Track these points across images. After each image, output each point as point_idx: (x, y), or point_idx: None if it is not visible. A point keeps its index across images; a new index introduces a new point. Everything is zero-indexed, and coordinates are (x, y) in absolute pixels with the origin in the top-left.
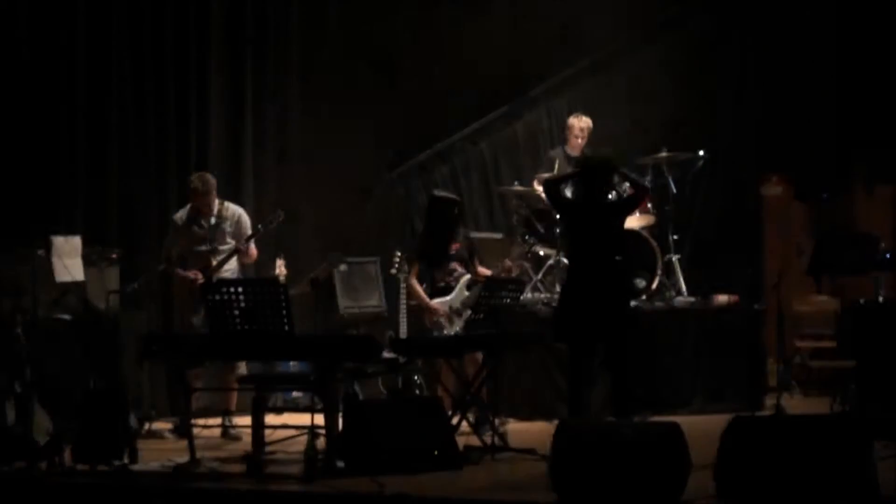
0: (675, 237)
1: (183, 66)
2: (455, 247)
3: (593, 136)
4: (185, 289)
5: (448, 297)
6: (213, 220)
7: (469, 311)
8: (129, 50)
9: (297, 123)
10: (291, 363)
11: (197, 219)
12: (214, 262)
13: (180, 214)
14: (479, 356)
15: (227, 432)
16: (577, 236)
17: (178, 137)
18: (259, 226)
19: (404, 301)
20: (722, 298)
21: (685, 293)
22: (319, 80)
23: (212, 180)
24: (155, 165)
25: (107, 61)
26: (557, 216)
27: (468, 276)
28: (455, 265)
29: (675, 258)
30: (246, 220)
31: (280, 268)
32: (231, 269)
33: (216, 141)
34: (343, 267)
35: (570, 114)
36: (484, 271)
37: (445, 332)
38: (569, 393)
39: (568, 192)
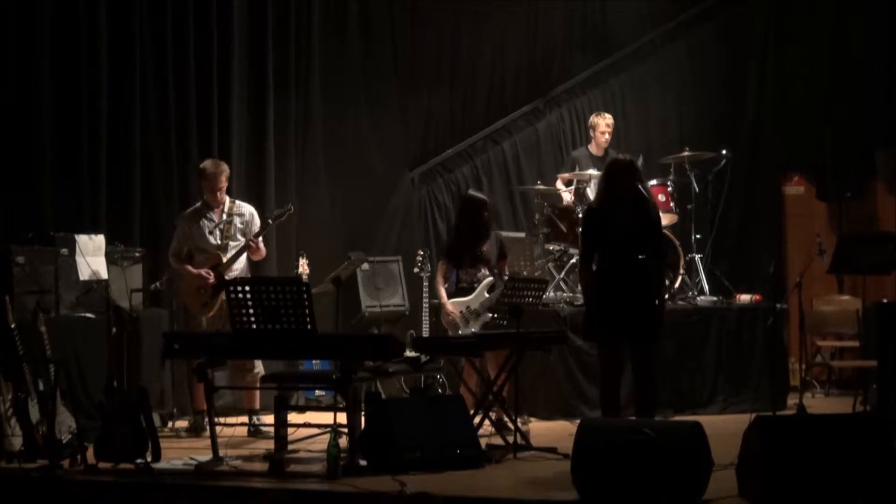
0: (698, 236)
1: (206, 61)
2: (483, 248)
3: (616, 134)
4: (194, 286)
5: (466, 298)
6: (223, 217)
7: (488, 314)
8: (153, 43)
9: (320, 121)
10: (314, 362)
11: (207, 213)
12: (225, 259)
13: (190, 210)
14: (502, 355)
15: (258, 430)
16: (608, 236)
17: (199, 135)
18: (269, 219)
19: (427, 300)
20: (744, 298)
21: (707, 292)
22: (342, 77)
23: (223, 165)
24: (178, 164)
25: (130, 54)
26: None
27: (490, 279)
28: (482, 267)
29: (697, 257)
30: (257, 218)
31: (303, 266)
32: (240, 267)
33: (238, 138)
34: (365, 266)
35: (592, 113)
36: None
37: (460, 332)
38: (600, 392)
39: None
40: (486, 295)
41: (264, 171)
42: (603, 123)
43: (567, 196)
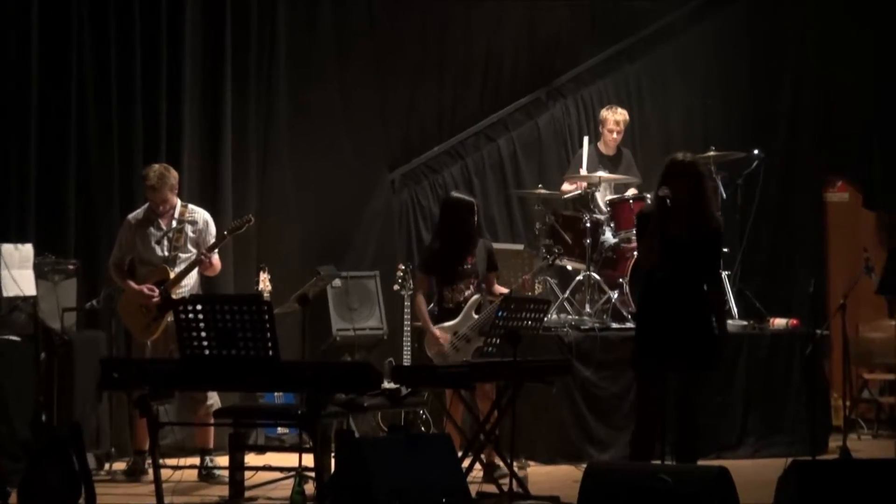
0: (725, 250)
1: (152, 52)
2: (470, 260)
3: (630, 129)
4: (135, 304)
5: (453, 322)
6: (173, 224)
7: (480, 338)
8: (92, 33)
9: (285, 118)
10: (276, 394)
11: (154, 220)
12: (173, 274)
13: (135, 214)
14: (495, 388)
15: (210, 473)
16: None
17: (146, 132)
18: (224, 231)
19: (408, 323)
20: (779, 322)
21: (736, 315)
22: (311, 67)
23: (169, 173)
24: (120, 167)
25: (66, 43)
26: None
27: (477, 297)
28: (470, 282)
29: (724, 274)
30: (213, 226)
31: (264, 282)
32: (190, 283)
33: (190, 138)
34: (337, 282)
35: (602, 105)
36: (500, 290)
37: (449, 361)
38: (636, 430)
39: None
40: (474, 316)
41: (220, 175)
42: (611, 120)
43: (573, 202)
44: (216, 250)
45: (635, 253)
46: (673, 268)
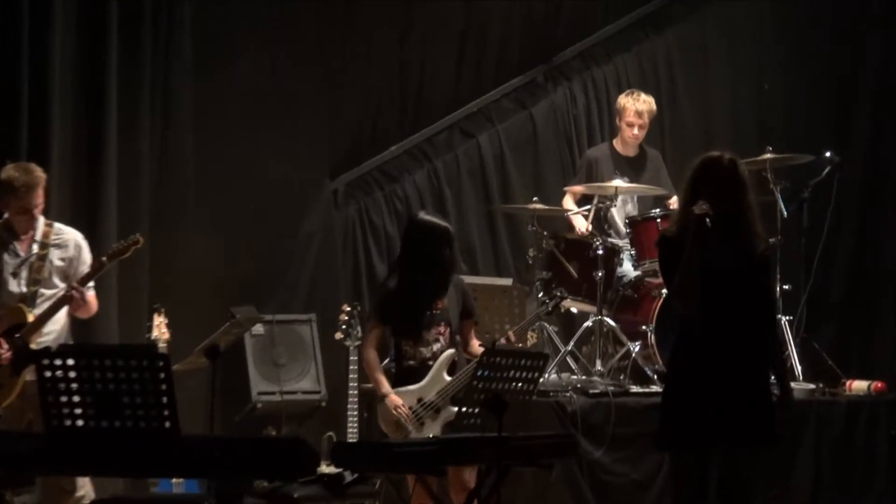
0: (786, 287)
1: (9, 20)
2: (441, 304)
3: (657, 123)
4: None
5: (416, 386)
6: (34, 248)
7: (452, 408)
8: None
9: (191, 112)
10: (174, 480)
11: (8, 243)
12: (32, 317)
13: None
14: (474, 474)
15: None
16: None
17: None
18: (103, 257)
19: (355, 384)
20: (858, 386)
21: (800, 376)
22: (225, 42)
23: (38, 172)
24: None
25: None
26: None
27: (451, 352)
28: (439, 332)
29: (784, 320)
30: (87, 252)
31: (159, 328)
32: (56, 329)
33: (60, 138)
34: (258, 329)
35: (620, 90)
36: (476, 346)
37: (410, 437)
38: None
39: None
40: (446, 378)
41: (100, 185)
42: (632, 110)
43: (580, 221)
44: (92, 283)
45: (664, 291)
46: (713, 308)
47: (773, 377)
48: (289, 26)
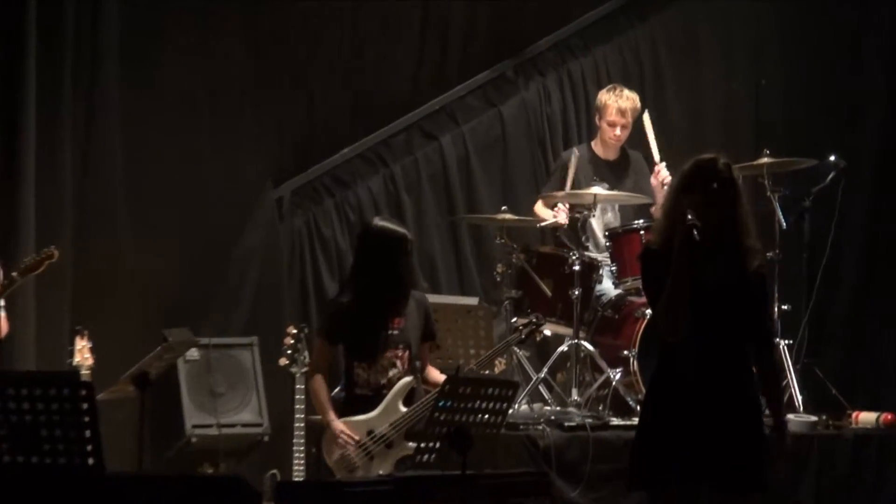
0: (785, 307)
1: None
2: (398, 323)
3: (641, 125)
4: None
5: (368, 416)
6: None
7: (409, 443)
8: None
9: (119, 104)
10: None
11: None
12: None
13: None
14: None
15: None
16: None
17: None
18: (14, 273)
19: (302, 416)
20: (865, 418)
21: (800, 407)
22: (158, 31)
23: None
24: None
25: None
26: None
27: (408, 379)
28: (396, 355)
29: (783, 345)
30: None
31: (81, 353)
32: None
33: None
34: (193, 353)
35: (600, 86)
36: (433, 374)
37: (359, 474)
38: None
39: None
40: (402, 409)
41: (15, 190)
42: (613, 107)
43: (557, 217)
44: (2, 302)
45: (648, 311)
46: (700, 331)
47: (766, 409)
48: (225, 19)
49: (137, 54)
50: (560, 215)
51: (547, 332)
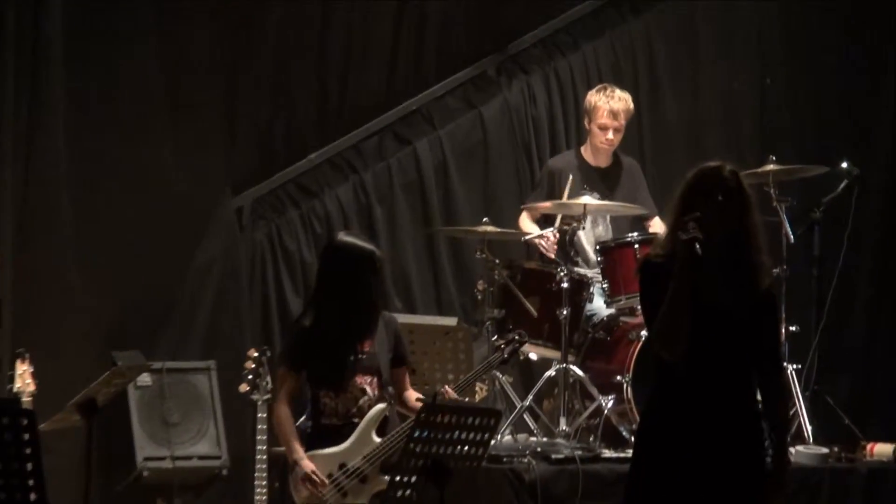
0: (793, 329)
1: None
2: (368, 346)
3: (634, 129)
4: None
5: (337, 449)
6: None
7: (384, 476)
8: None
9: (62, 103)
10: None
11: None
12: None
13: None
14: None
15: None
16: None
17: None
18: None
19: (264, 447)
20: (882, 450)
21: (810, 438)
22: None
23: None
24: None
25: None
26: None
27: (381, 406)
28: (365, 382)
29: (791, 369)
30: None
31: (22, 378)
32: None
33: None
34: (145, 379)
35: (589, 85)
36: (413, 399)
37: None
38: None
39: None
40: (376, 440)
41: None
42: (605, 109)
43: (542, 243)
44: None
45: (643, 333)
46: (701, 355)
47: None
48: (186, 14)
49: (84, 56)
50: (548, 249)
51: (533, 356)
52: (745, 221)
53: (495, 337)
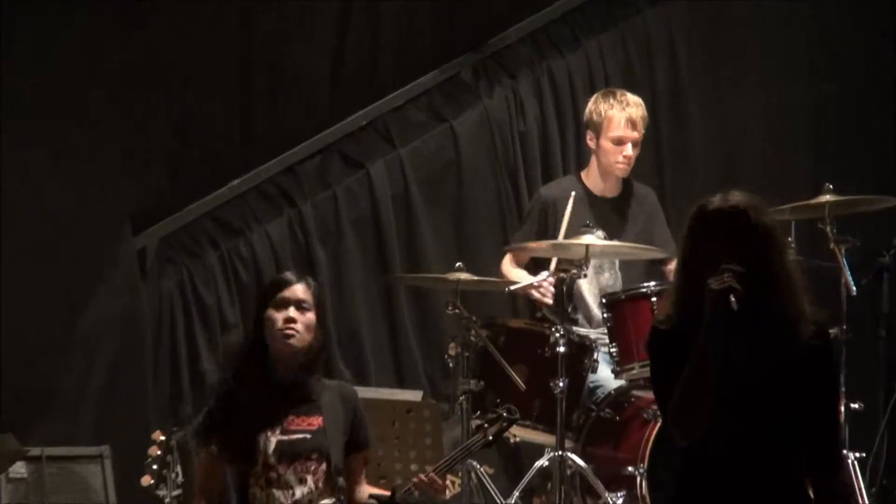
0: (855, 406)
1: None
2: (313, 422)
3: (650, 141)
4: None
5: None
6: None
7: None
8: None
9: None
10: None
11: None
12: None
13: None
14: None
15: None
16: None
17: None
18: None
19: None
20: None
21: None
22: None
23: None
24: None
25: None
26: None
27: (328, 502)
28: (307, 469)
29: (853, 457)
30: None
31: None
32: None
33: None
34: (19, 469)
35: (592, 90)
36: (366, 497)
37: None
38: None
39: None
40: None
41: None
42: (621, 117)
43: (535, 293)
44: None
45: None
46: (733, 436)
47: None
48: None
49: None
50: (545, 294)
51: (518, 439)
52: (768, 265)
53: (477, 413)
